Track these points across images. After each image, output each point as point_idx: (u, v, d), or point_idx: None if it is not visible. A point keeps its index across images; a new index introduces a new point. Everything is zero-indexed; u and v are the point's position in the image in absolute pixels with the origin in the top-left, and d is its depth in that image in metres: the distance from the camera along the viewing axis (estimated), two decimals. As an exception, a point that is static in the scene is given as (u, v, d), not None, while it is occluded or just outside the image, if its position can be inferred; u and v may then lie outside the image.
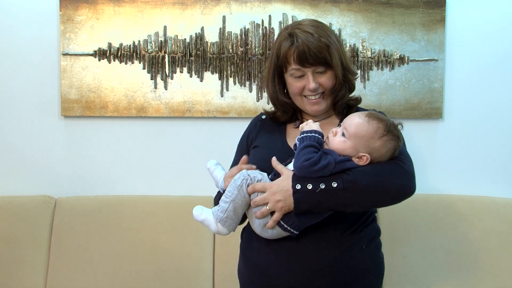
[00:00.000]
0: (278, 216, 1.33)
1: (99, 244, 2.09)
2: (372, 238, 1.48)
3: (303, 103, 1.52)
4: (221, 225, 1.35)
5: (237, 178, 1.36)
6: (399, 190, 1.37)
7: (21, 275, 2.05)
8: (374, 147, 1.35)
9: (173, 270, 2.07)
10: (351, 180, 1.31)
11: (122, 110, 2.26)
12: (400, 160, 1.40)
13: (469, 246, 2.10)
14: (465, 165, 2.33)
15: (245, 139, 1.64)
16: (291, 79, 1.50)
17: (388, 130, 1.36)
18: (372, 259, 1.48)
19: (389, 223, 2.15)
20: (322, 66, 1.46)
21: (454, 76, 2.31)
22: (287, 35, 1.48)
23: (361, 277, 1.43)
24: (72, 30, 2.23)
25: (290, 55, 1.46)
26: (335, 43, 1.48)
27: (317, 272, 1.37)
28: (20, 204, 2.14)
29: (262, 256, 1.43)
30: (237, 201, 1.34)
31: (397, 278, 2.08)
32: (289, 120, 1.60)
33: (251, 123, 1.68)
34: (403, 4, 2.27)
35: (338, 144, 1.35)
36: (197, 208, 1.38)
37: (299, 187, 1.31)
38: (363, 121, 1.35)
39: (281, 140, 1.55)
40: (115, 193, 2.24)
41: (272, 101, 1.59)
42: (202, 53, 2.26)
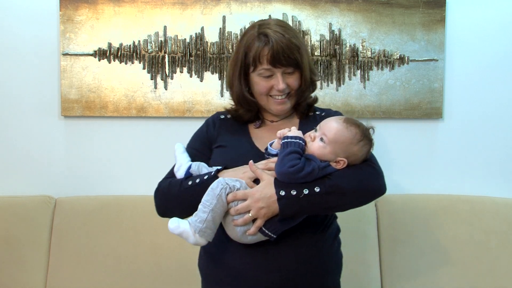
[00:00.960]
0: (260, 223, 1.34)
1: (99, 244, 2.08)
2: (335, 236, 1.53)
3: (268, 102, 1.53)
4: (200, 235, 1.33)
5: (215, 187, 1.34)
6: (375, 190, 1.42)
7: (21, 275, 2.05)
8: (352, 152, 1.39)
9: (173, 270, 2.07)
10: (333, 184, 1.34)
11: (122, 110, 2.26)
12: (371, 162, 1.45)
13: (469, 246, 2.10)
14: (465, 165, 2.33)
15: (204, 135, 1.60)
16: (259, 78, 1.50)
17: (365, 135, 1.41)
18: (337, 255, 1.54)
19: (389, 223, 2.15)
20: (292, 67, 1.48)
21: (454, 76, 2.31)
22: (257, 34, 1.47)
23: (330, 273, 1.48)
24: (72, 30, 2.23)
25: (263, 55, 1.45)
26: (303, 44, 1.51)
27: (294, 272, 1.40)
28: (20, 204, 2.14)
29: (238, 260, 1.43)
30: (216, 210, 1.33)
31: (397, 278, 2.08)
32: (250, 120, 1.60)
33: (208, 121, 1.65)
34: (403, 4, 2.27)
35: (317, 149, 1.37)
36: (173, 221, 1.34)
37: (283, 194, 1.32)
38: (342, 127, 1.38)
39: (247, 141, 1.55)
40: (115, 193, 2.24)
41: (237, 99, 1.58)
42: (202, 53, 2.26)
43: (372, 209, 2.18)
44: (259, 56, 1.46)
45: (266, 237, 1.37)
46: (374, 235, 2.14)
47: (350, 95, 2.28)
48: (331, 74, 2.28)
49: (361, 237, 2.13)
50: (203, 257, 1.55)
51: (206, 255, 1.53)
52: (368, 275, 2.09)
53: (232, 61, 1.56)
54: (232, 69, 1.56)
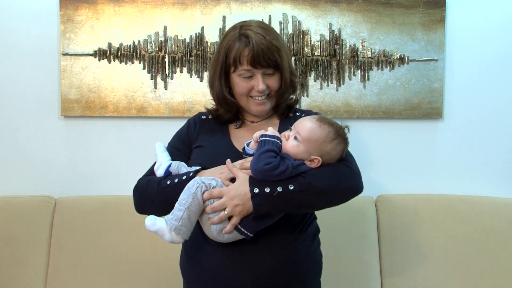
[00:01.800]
0: (236, 221, 1.34)
1: (99, 244, 2.09)
2: (314, 236, 1.54)
3: (248, 103, 1.54)
4: (175, 233, 1.34)
5: (191, 185, 1.36)
6: (350, 190, 1.42)
7: (21, 275, 2.05)
8: (325, 150, 1.39)
9: (173, 270, 2.07)
10: (306, 182, 1.35)
11: (122, 110, 2.26)
12: (347, 161, 1.45)
13: (469, 246, 2.10)
14: (465, 165, 2.33)
15: (185, 135, 1.62)
16: (239, 79, 1.51)
17: (338, 133, 1.41)
18: (315, 255, 1.54)
19: (389, 223, 2.15)
20: (272, 68, 1.49)
21: (454, 76, 2.31)
22: (238, 35, 1.49)
23: (307, 273, 1.49)
24: (72, 30, 2.23)
25: (243, 56, 1.47)
26: (283, 46, 1.52)
27: (270, 272, 1.41)
28: (20, 204, 2.14)
29: (214, 259, 1.43)
30: (191, 208, 1.34)
31: (397, 278, 2.08)
32: (230, 120, 1.62)
33: (189, 121, 1.67)
34: (403, 4, 2.27)
35: (291, 148, 1.38)
36: (150, 218, 1.36)
37: (257, 191, 1.33)
38: (315, 126, 1.39)
39: (226, 141, 1.56)
40: (115, 193, 2.24)
41: (217, 99, 1.59)
42: (202, 53, 2.26)
43: (372, 209, 2.18)
44: (239, 57, 1.47)
45: (242, 236, 1.37)
46: (374, 235, 2.14)
47: (350, 95, 2.28)
48: (331, 74, 2.28)
49: (361, 237, 2.13)
50: (183, 257, 1.56)
51: (186, 255, 1.54)
52: (368, 275, 2.09)
53: (213, 61, 1.58)
54: (213, 69, 1.58)
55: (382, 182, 2.31)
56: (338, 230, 2.11)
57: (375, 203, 2.19)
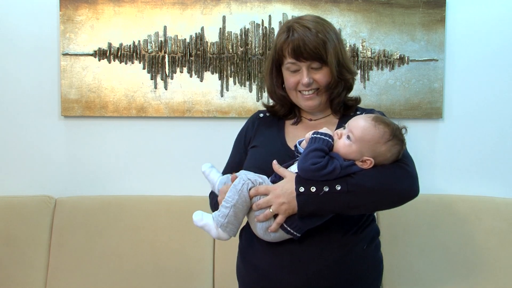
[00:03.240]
0: (281, 219, 1.32)
1: (99, 244, 2.09)
2: (372, 238, 1.48)
3: (297, 98, 1.53)
4: (222, 230, 1.33)
5: (237, 182, 1.35)
6: (403, 192, 1.35)
7: (21, 275, 2.05)
8: (379, 151, 1.33)
9: (173, 270, 2.07)
10: (355, 183, 1.30)
11: (122, 110, 2.26)
12: (403, 162, 1.38)
13: (469, 246, 2.10)
14: (465, 165, 2.33)
15: (243, 138, 1.63)
16: (287, 72, 1.50)
17: (394, 135, 1.33)
18: (373, 259, 1.48)
19: (389, 223, 2.15)
20: (317, 62, 1.45)
21: (454, 76, 2.31)
22: (285, 28, 1.49)
23: (362, 278, 1.43)
24: (72, 30, 2.23)
25: (285, 48, 1.46)
26: (333, 40, 1.46)
27: (319, 274, 1.37)
28: (20, 204, 2.14)
29: (263, 259, 1.42)
30: (238, 205, 1.33)
31: (397, 278, 2.08)
32: (287, 115, 1.61)
33: (248, 121, 1.67)
34: (403, 4, 2.27)
35: (343, 148, 1.33)
36: (197, 214, 1.36)
37: (302, 190, 1.30)
38: (369, 125, 1.32)
39: (280, 140, 1.54)
40: (115, 193, 2.24)
41: (269, 94, 1.60)
42: (202, 53, 2.26)
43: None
44: (282, 49, 1.47)
45: (289, 236, 1.34)
46: (374, 235, 2.14)
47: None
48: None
49: (361, 237, 2.13)
50: (239, 260, 1.55)
51: (240, 255, 1.53)
52: (368, 275, 2.09)
53: (267, 57, 1.60)
54: (266, 65, 1.58)
55: (382, 182, 2.30)
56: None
57: (375, 203, 2.19)
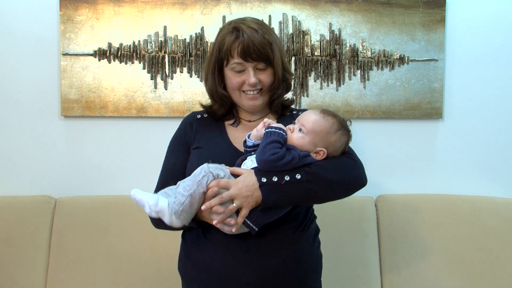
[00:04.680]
0: (246, 213, 1.34)
1: (99, 244, 2.08)
2: (315, 235, 1.54)
3: (240, 98, 1.54)
4: (175, 217, 1.34)
5: (197, 173, 1.35)
6: (355, 181, 1.44)
7: (21, 275, 2.05)
8: (330, 141, 1.41)
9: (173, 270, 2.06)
10: (313, 172, 1.36)
11: (122, 110, 2.26)
12: (351, 154, 1.47)
13: (469, 246, 2.10)
14: (465, 165, 2.33)
15: (182, 139, 1.60)
16: (231, 73, 1.51)
17: (342, 125, 1.43)
18: (317, 255, 1.54)
19: (389, 223, 2.15)
20: (263, 63, 1.49)
21: (454, 76, 2.31)
22: (231, 29, 1.49)
23: (310, 273, 1.49)
24: (72, 30, 2.23)
25: (234, 49, 1.47)
26: (276, 41, 1.52)
27: (275, 270, 1.40)
28: (20, 204, 2.14)
29: (217, 259, 1.43)
30: (194, 196, 1.34)
31: (397, 278, 2.08)
32: (225, 116, 1.61)
33: (184, 123, 1.65)
34: (403, 4, 2.27)
35: (297, 140, 1.40)
36: (153, 198, 1.36)
37: (264, 180, 1.34)
38: (319, 117, 1.42)
39: (224, 140, 1.55)
40: (115, 193, 2.24)
41: (210, 94, 1.59)
42: (202, 53, 2.26)
43: (372, 209, 2.18)
44: (230, 50, 1.48)
45: (247, 229, 1.37)
46: (374, 235, 2.14)
47: (350, 95, 2.28)
48: (331, 74, 2.28)
49: (361, 237, 2.13)
50: (183, 258, 1.55)
51: (186, 256, 1.53)
52: (368, 275, 2.09)
53: (207, 56, 1.59)
54: (206, 64, 1.58)
55: (382, 182, 2.31)
56: (338, 230, 2.11)
57: (375, 203, 2.19)
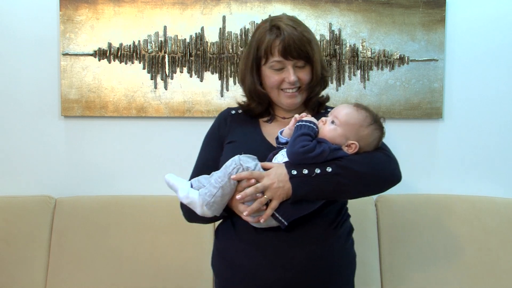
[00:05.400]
0: (276, 204, 1.33)
1: (99, 244, 2.08)
2: (348, 234, 1.52)
3: (279, 96, 1.53)
4: (207, 208, 1.35)
5: (228, 164, 1.36)
6: (388, 177, 1.43)
7: (21, 275, 2.05)
8: (362, 135, 1.39)
9: (173, 270, 2.07)
10: (344, 165, 1.34)
11: (122, 110, 2.26)
12: (385, 150, 1.46)
13: (469, 246, 2.10)
14: (465, 165, 2.33)
15: (216, 134, 1.61)
16: (270, 71, 1.50)
17: (375, 119, 1.42)
18: (350, 254, 1.52)
19: (389, 223, 2.15)
20: (303, 61, 1.48)
21: (454, 76, 2.31)
22: (269, 27, 1.49)
23: (341, 272, 1.47)
24: (72, 30, 2.23)
25: (274, 47, 1.46)
26: (314, 39, 1.52)
27: (303, 269, 1.39)
28: (20, 204, 2.14)
29: (246, 257, 1.42)
30: (225, 187, 1.34)
31: (397, 278, 2.08)
32: (261, 115, 1.61)
33: (219, 118, 1.66)
34: (403, 4, 2.27)
35: (328, 132, 1.39)
36: (183, 190, 1.38)
37: (295, 173, 1.32)
38: (352, 110, 1.41)
39: (258, 135, 1.55)
40: (115, 193, 2.24)
41: (248, 93, 1.58)
42: (202, 53, 2.26)
43: (372, 209, 2.17)
44: (270, 48, 1.47)
45: (277, 224, 1.35)
46: (374, 235, 2.14)
47: (350, 95, 2.28)
48: (331, 74, 2.28)
49: (361, 237, 2.12)
50: (216, 256, 1.55)
51: (219, 254, 1.53)
52: (368, 275, 2.09)
53: (244, 55, 1.58)
54: (244, 63, 1.57)
55: (382, 182, 2.30)
56: (338, 230, 2.11)
57: (375, 203, 2.19)
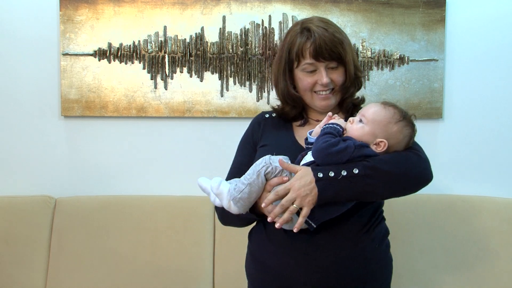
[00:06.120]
0: (307, 212, 1.31)
1: (99, 244, 2.08)
2: (382, 237, 1.49)
3: (312, 99, 1.52)
4: (233, 203, 1.36)
5: (258, 163, 1.37)
6: (418, 177, 1.38)
7: (21, 275, 2.05)
8: (391, 132, 1.37)
9: (173, 270, 2.07)
10: (372, 166, 1.31)
11: (122, 110, 2.26)
12: (415, 149, 1.42)
13: (469, 246, 2.10)
14: (465, 165, 2.33)
15: (250, 138, 1.62)
16: (303, 74, 1.49)
17: (404, 116, 1.40)
18: (384, 258, 1.49)
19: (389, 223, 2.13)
20: (335, 62, 1.47)
21: (454, 76, 2.31)
22: (300, 29, 1.48)
23: (374, 277, 1.44)
24: (72, 30, 2.23)
25: (306, 49, 1.45)
26: (346, 39, 1.50)
27: (333, 272, 1.37)
28: (20, 204, 2.14)
29: (276, 259, 1.42)
30: (253, 185, 1.35)
31: (397, 278, 2.07)
32: (295, 118, 1.60)
33: (253, 122, 1.66)
34: (403, 4, 2.27)
35: (356, 130, 1.37)
36: (216, 180, 1.39)
37: (321, 175, 1.30)
38: (380, 107, 1.39)
39: (290, 138, 1.55)
40: (115, 193, 2.24)
41: (282, 96, 1.58)
42: (202, 53, 2.26)
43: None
44: (301, 51, 1.46)
45: (305, 226, 1.35)
46: (374, 235, 2.14)
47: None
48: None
49: (361, 237, 2.13)
50: (249, 258, 1.55)
51: (251, 256, 1.53)
52: (368, 275, 2.09)
53: (277, 59, 1.57)
54: (277, 67, 1.56)
55: (382, 182, 2.30)
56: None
57: (375, 203, 2.19)
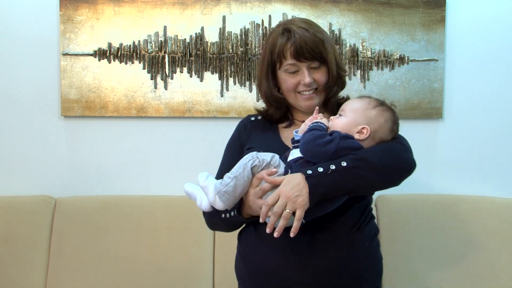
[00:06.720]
0: (301, 214, 1.29)
1: (99, 244, 2.08)
2: (373, 236, 1.50)
3: (296, 99, 1.53)
4: (218, 197, 1.34)
5: (245, 157, 1.37)
6: (404, 165, 1.40)
7: (21, 275, 2.05)
8: (371, 116, 1.39)
9: (173, 270, 2.07)
10: (359, 158, 1.32)
11: (122, 110, 2.26)
12: (398, 139, 1.46)
13: (469, 246, 2.10)
14: (465, 165, 2.33)
15: (237, 141, 1.62)
16: (285, 74, 1.50)
17: (381, 103, 1.43)
18: (375, 257, 1.49)
19: (389, 223, 2.15)
20: (317, 61, 1.47)
21: (454, 76, 2.31)
22: (281, 31, 1.48)
23: (366, 275, 1.45)
24: (72, 30, 2.23)
25: (286, 50, 1.46)
26: (328, 39, 1.51)
27: (327, 271, 1.38)
28: (20, 204, 2.14)
29: (269, 260, 1.42)
30: (239, 178, 1.35)
31: (397, 278, 2.08)
32: (281, 119, 1.61)
33: (239, 126, 1.66)
34: (403, 4, 2.27)
35: (338, 123, 1.39)
36: (203, 174, 1.38)
37: (310, 172, 1.30)
38: (355, 99, 1.45)
39: (276, 139, 1.55)
40: (115, 193, 2.24)
41: (266, 98, 1.58)
42: (202, 53, 2.26)
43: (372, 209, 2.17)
44: (283, 51, 1.46)
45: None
46: (374, 235, 2.14)
47: (350, 95, 2.26)
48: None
49: (361, 237, 2.13)
50: (238, 259, 1.55)
51: (241, 257, 1.53)
52: (368, 275, 2.09)
53: (260, 61, 1.57)
54: (259, 69, 1.57)
55: (382, 182, 2.30)
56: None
57: (375, 203, 2.19)
